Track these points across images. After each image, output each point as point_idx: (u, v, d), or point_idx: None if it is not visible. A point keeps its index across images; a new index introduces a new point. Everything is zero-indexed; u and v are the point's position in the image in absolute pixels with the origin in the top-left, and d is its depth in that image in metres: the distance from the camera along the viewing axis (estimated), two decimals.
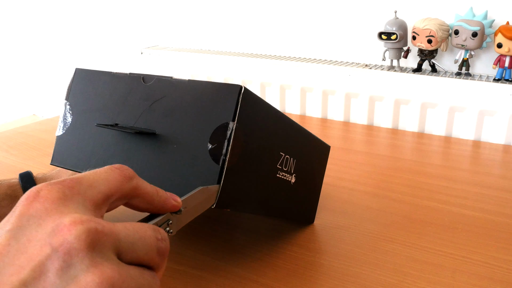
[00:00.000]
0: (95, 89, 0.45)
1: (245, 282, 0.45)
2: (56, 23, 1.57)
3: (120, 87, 0.43)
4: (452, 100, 0.85)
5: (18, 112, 1.85)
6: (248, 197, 0.40)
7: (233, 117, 0.36)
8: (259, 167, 0.41)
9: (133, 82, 0.43)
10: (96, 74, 0.45)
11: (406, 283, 0.45)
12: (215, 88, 0.37)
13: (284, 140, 0.45)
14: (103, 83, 0.44)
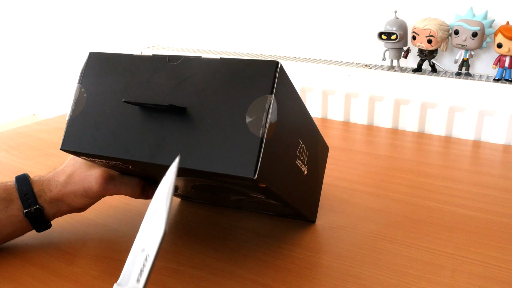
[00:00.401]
0: (113, 71, 0.43)
1: (245, 282, 0.45)
2: (56, 23, 1.57)
3: (143, 68, 0.42)
4: (452, 100, 0.85)
5: (18, 112, 1.85)
6: (279, 175, 0.40)
7: (271, 90, 0.36)
8: (286, 148, 0.41)
9: (157, 63, 0.41)
10: (113, 56, 0.44)
11: (406, 283, 0.45)
12: (251, 64, 0.38)
13: (303, 128, 0.45)
14: (123, 65, 0.43)
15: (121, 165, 0.43)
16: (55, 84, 1.68)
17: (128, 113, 0.41)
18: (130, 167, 0.43)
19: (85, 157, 0.44)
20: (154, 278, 0.46)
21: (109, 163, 0.43)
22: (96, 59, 0.45)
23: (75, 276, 0.46)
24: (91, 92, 0.43)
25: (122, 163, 0.42)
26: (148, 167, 0.41)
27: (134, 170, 0.45)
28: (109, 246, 0.51)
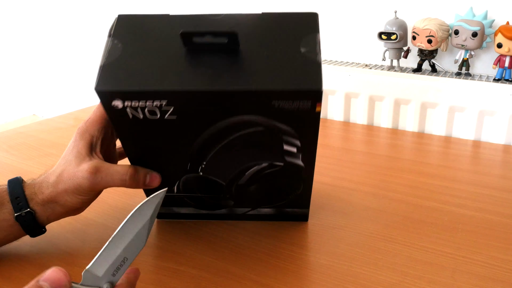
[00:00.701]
0: (148, 29, 0.42)
1: (245, 282, 0.45)
2: (56, 23, 1.57)
3: (183, 24, 0.42)
4: (452, 100, 0.85)
5: (18, 112, 1.85)
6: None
7: (318, 30, 0.41)
8: None
9: (196, 19, 0.42)
10: (145, 17, 0.43)
11: (406, 283, 0.45)
12: (293, 15, 0.42)
13: None
14: (158, 23, 0.42)
15: (156, 111, 0.40)
16: (55, 84, 1.68)
17: (176, 53, 0.40)
18: (168, 113, 0.40)
19: (119, 100, 0.39)
20: (154, 278, 0.46)
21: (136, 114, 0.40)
22: (126, 20, 0.43)
23: (75, 276, 0.46)
24: (126, 40, 0.41)
25: (166, 103, 0.39)
26: (194, 109, 0.40)
27: (168, 122, 0.41)
28: None
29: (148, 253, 0.50)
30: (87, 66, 1.55)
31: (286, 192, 0.51)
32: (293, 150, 0.44)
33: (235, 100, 0.39)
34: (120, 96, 0.39)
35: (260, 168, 0.47)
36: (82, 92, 1.60)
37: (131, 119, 0.41)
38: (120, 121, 0.41)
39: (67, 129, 0.92)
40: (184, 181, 0.49)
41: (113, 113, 0.40)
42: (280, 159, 0.46)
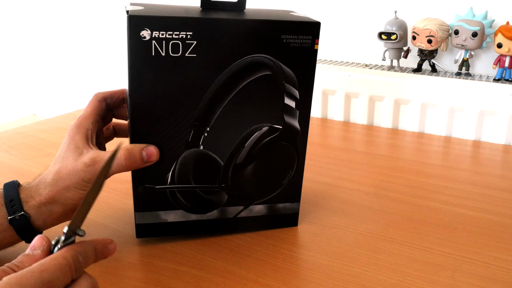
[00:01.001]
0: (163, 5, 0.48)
1: (245, 282, 0.45)
2: (56, 23, 1.57)
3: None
4: (452, 100, 0.85)
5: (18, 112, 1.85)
6: None
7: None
8: None
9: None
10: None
11: (406, 283, 0.45)
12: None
13: None
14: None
15: (179, 46, 0.44)
16: (55, 84, 1.68)
17: (194, 9, 0.47)
18: (190, 50, 0.44)
19: (147, 30, 0.42)
20: (154, 278, 0.46)
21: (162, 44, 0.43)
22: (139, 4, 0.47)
23: None
24: (146, 6, 0.46)
25: (190, 35, 0.43)
26: (215, 44, 0.44)
27: (188, 61, 0.45)
28: None
29: (148, 253, 0.50)
30: (87, 66, 1.55)
31: (280, 175, 0.52)
32: (292, 104, 0.49)
33: (251, 32, 0.45)
34: (149, 24, 0.42)
35: (260, 134, 0.49)
36: (82, 92, 1.60)
37: (153, 56, 0.43)
38: (142, 57, 0.43)
39: (67, 129, 0.92)
40: (182, 162, 0.48)
41: (138, 47, 0.43)
42: (276, 119, 0.49)
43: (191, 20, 0.43)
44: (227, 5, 0.48)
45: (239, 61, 0.46)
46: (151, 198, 0.49)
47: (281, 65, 0.47)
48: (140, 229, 0.51)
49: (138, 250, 0.50)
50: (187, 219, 0.51)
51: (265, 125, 0.49)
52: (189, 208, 0.51)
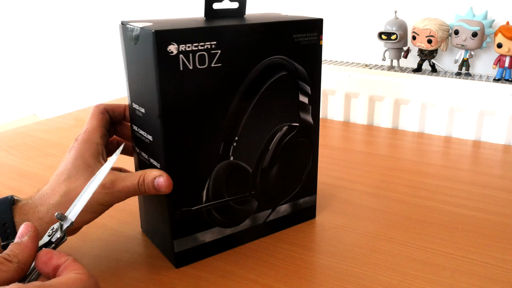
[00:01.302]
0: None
1: (245, 282, 0.45)
2: (56, 23, 1.57)
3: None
4: (452, 100, 0.85)
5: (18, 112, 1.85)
6: None
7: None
8: None
9: None
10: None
11: (406, 283, 0.45)
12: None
13: None
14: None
15: (205, 57, 0.43)
16: (55, 84, 1.68)
17: (199, 19, 0.46)
18: (215, 60, 0.43)
19: (174, 44, 0.40)
20: (154, 278, 0.46)
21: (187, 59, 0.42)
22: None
23: None
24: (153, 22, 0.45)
25: (214, 45, 0.43)
26: (237, 50, 0.44)
27: (214, 71, 0.43)
28: (109, 246, 0.51)
29: (148, 253, 0.50)
30: (88, 66, 1.55)
31: (300, 170, 0.53)
32: (305, 100, 0.51)
33: (268, 35, 0.46)
34: (176, 38, 0.41)
35: (282, 135, 0.50)
36: (82, 92, 1.61)
37: (181, 71, 0.42)
38: (170, 74, 0.41)
39: (67, 129, 0.92)
40: (215, 176, 0.47)
41: (166, 63, 0.41)
42: (296, 117, 0.51)
43: (215, 30, 0.43)
44: (229, 12, 0.48)
45: (259, 65, 0.46)
46: (189, 221, 0.47)
47: (295, 63, 0.49)
48: (180, 258, 0.47)
49: (138, 250, 0.50)
50: (223, 235, 0.50)
51: (284, 125, 0.50)
52: (225, 223, 0.49)
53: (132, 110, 0.47)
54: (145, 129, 0.45)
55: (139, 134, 0.47)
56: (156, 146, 0.44)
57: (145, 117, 0.45)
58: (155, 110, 0.42)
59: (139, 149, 0.48)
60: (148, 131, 0.45)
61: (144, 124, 0.45)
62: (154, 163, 0.45)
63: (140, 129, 0.46)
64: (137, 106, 0.45)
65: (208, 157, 0.46)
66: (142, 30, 0.41)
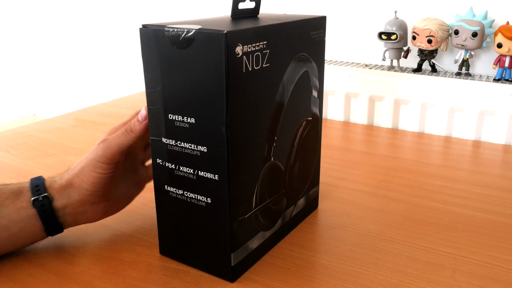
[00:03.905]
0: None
1: (245, 282, 0.45)
2: (56, 23, 1.57)
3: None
4: (452, 100, 0.85)
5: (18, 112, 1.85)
6: None
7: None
8: None
9: None
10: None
11: (406, 283, 0.45)
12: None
13: None
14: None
15: (259, 57, 0.42)
16: (55, 84, 1.68)
17: (227, 19, 0.46)
18: (265, 60, 0.42)
19: (240, 45, 0.39)
20: (154, 277, 0.46)
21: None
22: None
23: (75, 275, 0.46)
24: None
25: (265, 44, 0.42)
26: (281, 48, 0.44)
27: (264, 71, 0.43)
28: (109, 246, 0.51)
29: (148, 253, 0.50)
30: (88, 66, 1.55)
31: (311, 162, 0.55)
32: (315, 94, 0.53)
33: (296, 33, 0.47)
34: (242, 39, 0.39)
35: (302, 129, 0.52)
36: (82, 92, 1.60)
37: (244, 73, 0.40)
38: (236, 76, 0.39)
39: (67, 129, 0.92)
40: (261, 180, 0.46)
41: (232, 66, 0.39)
42: (308, 111, 0.52)
43: (266, 29, 0.42)
44: (247, 12, 0.48)
45: (291, 64, 0.47)
46: (243, 230, 0.45)
47: (311, 59, 0.51)
48: (236, 271, 0.45)
49: (138, 250, 0.50)
50: (265, 238, 0.49)
51: (302, 120, 0.52)
52: (267, 225, 0.49)
53: (165, 122, 0.43)
54: (195, 140, 0.42)
55: (178, 148, 0.43)
56: (212, 157, 0.41)
57: (195, 127, 0.41)
58: (217, 118, 0.39)
59: (175, 164, 0.44)
60: (200, 142, 0.41)
61: (194, 135, 0.41)
62: (208, 175, 0.42)
63: (184, 142, 0.42)
64: (179, 117, 0.42)
65: (258, 160, 0.45)
66: (199, 32, 0.38)
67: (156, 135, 0.44)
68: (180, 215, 0.46)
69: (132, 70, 1.41)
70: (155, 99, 0.43)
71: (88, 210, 0.49)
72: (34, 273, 0.47)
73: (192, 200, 0.44)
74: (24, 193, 0.46)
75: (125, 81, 1.45)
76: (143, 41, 0.41)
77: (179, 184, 0.44)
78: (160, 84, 0.42)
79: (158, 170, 0.45)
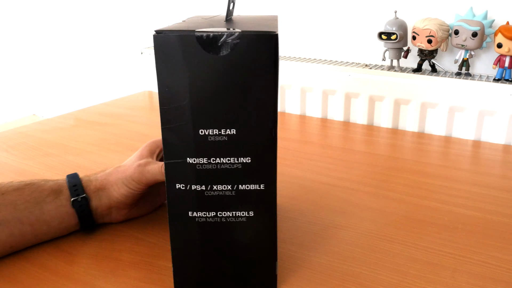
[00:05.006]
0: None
1: None
2: (56, 23, 1.57)
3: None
4: (452, 100, 0.85)
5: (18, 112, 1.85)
6: None
7: None
8: None
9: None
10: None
11: (406, 283, 0.45)
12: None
13: None
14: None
15: None
16: (55, 84, 1.68)
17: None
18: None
19: None
20: (154, 277, 0.46)
21: None
22: None
23: (75, 275, 0.46)
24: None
25: None
26: None
27: None
28: (109, 246, 0.51)
29: (148, 253, 0.50)
30: (88, 66, 1.55)
31: None
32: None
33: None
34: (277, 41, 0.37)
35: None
36: (82, 92, 1.60)
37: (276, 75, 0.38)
38: (276, 79, 0.38)
39: (67, 129, 0.92)
40: None
41: (277, 67, 0.38)
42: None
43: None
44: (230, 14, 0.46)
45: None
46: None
47: None
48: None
49: (138, 250, 0.50)
50: None
51: None
52: None
53: (194, 139, 0.38)
54: (235, 153, 0.38)
55: (211, 166, 0.39)
56: (258, 166, 0.39)
57: (236, 139, 0.38)
58: (264, 123, 0.37)
59: (207, 184, 0.39)
60: (243, 154, 0.38)
61: (234, 148, 0.38)
62: (251, 187, 0.40)
63: (220, 157, 0.39)
64: (214, 131, 0.38)
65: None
66: (244, 35, 0.35)
67: (175, 157, 0.39)
68: (209, 241, 0.41)
69: (132, 70, 1.41)
70: (176, 115, 0.37)
71: (113, 212, 0.53)
72: (34, 273, 0.47)
73: (229, 219, 0.40)
74: (63, 192, 0.50)
75: (125, 81, 1.45)
76: (161, 50, 0.35)
77: (210, 206, 0.40)
78: (188, 97, 0.36)
79: (178, 196, 0.40)
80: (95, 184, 0.51)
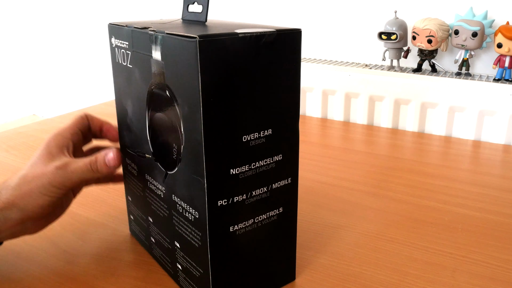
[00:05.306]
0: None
1: None
2: (56, 23, 1.57)
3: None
4: (452, 100, 0.85)
5: (18, 112, 1.85)
6: None
7: None
8: None
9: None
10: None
11: (406, 283, 0.45)
12: None
13: None
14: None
15: None
16: (55, 84, 1.68)
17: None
18: None
19: None
20: (154, 277, 0.46)
21: None
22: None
23: (75, 275, 0.46)
24: None
25: None
26: None
27: None
28: (109, 246, 0.51)
29: (148, 253, 0.50)
30: (87, 66, 1.55)
31: None
32: None
33: None
34: None
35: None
36: (82, 92, 1.61)
37: None
38: None
39: None
40: None
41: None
42: None
43: None
44: (196, 16, 0.44)
45: None
46: None
47: None
48: None
49: (138, 249, 0.50)
50: None
51: None
52: None
53: (238, 147, 0.36)
54: (270, 152, 0.38)
55: (252, 171, 0.37)
56: (287, 161, 0.39)
57: (272, 138, 0.38)
58: (293, 117, 0.38)
59: (247, 192, 0.38)
60: (276, 152, 0.38)
61: (270, 148, 0.38)
62: (281, 183, 0.40)
63: (259, 161, 0.37)
64: (255, 134, 0.37)
65: None
66: (280, 34, 0.35)
67: (217, 171, 0.35)
68: (247, 247, 0.40)
69: None
70: (216, 124, 0.34)
71: (28, 226, 0.45)
72: (34, 273, 0.47)
73: (264, 221, 0.39)
74: None
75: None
76: (208, 56, 0.32)
77: (249, 214, 0.38)
78: (230, 103, 0.34)
79: (219, 213, 0.36)
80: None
